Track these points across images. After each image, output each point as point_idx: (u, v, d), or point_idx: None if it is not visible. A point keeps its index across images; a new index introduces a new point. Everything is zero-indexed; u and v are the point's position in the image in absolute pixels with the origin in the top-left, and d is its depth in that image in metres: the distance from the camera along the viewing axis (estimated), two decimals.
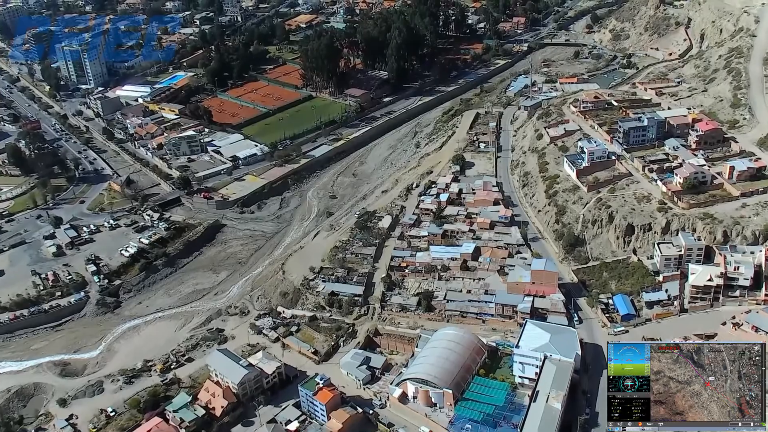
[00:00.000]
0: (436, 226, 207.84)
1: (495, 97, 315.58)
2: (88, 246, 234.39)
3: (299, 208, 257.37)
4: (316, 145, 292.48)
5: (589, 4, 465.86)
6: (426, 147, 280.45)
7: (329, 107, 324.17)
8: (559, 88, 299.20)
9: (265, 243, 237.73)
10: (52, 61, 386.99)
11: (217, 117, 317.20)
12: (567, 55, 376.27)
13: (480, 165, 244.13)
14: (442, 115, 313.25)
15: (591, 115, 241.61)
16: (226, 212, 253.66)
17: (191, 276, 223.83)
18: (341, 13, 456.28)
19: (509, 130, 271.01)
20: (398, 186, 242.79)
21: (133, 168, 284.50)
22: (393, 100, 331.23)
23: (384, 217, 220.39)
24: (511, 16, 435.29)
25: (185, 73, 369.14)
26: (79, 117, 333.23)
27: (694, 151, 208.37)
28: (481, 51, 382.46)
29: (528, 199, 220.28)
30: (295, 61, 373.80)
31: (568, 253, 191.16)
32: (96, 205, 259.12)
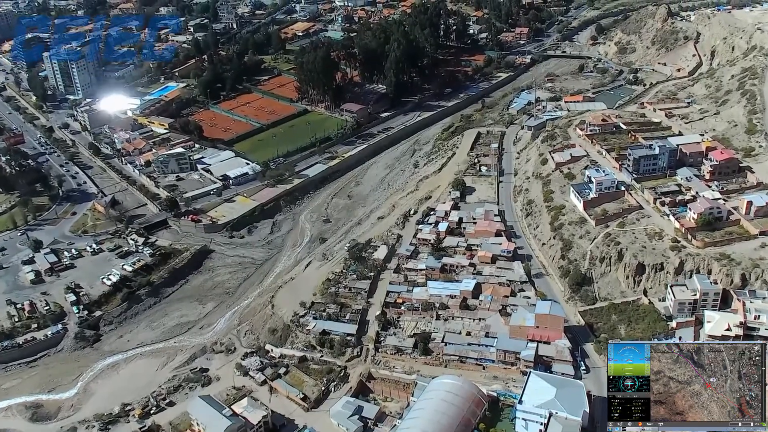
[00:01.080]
0: (434, 259, 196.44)
1: (497, 113, 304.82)
2: (69, 272, 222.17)
3: (291, 232, 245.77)
4: (311, 164, 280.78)
5: (593, 13, 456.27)
6: (425, 168, 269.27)
7: (325, 122, 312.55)
8: (564, 107, 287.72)
9: (255, 271, 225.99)
10: (39, 69, 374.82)
11: (208, 132, 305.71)
12: (571, 68, 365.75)
13: (481, 190, 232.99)
14: (441, 132, 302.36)
15: (598, 140, 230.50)
16: (214, 236, 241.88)
17: (176, 307, 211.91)
18: (339, 21, 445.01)
19: (512, 152, 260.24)
20: (395, 212, 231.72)
21: (119, 186, 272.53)
22: (391, 115, 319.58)
23: (379, 247, 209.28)
24: (513, 25, 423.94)
25: (177, 83, 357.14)
26: (65, 130, 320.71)
27: (707, 182, 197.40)
28: (482, 63, 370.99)
29: (532, 230, 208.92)
30: (291, 72, 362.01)
31: (574, 292, 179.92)
32: (79, 227, 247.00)
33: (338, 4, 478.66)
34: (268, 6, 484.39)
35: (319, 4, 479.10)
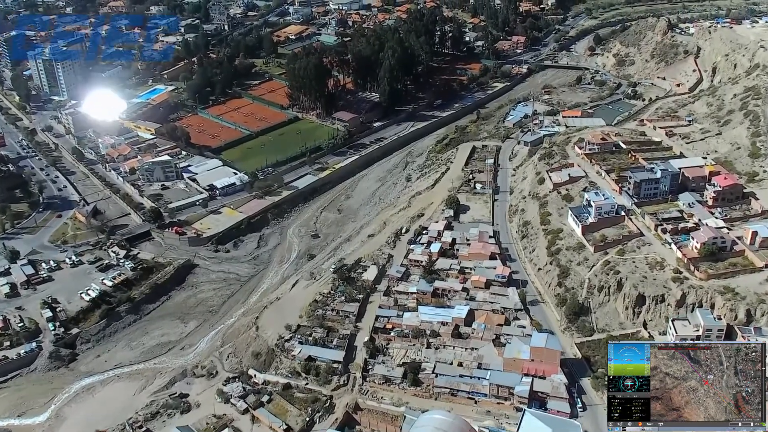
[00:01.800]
0: (426, 283, 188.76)
1: (492, 126, 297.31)
2: (47, 286, 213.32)
3: (278, 247, 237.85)
4: (300, 175, 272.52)
5: (591, 23, 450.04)
6: (417, 182, 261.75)
7: (316, 131, 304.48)
8: (562, 122, 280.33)
9: (240, 288, 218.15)
10: (24, 67, 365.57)
11: (195, 138, 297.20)
12: (568, 80, 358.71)
13: (475, 209, 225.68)
14: (435, 144, 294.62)
15: (597, 159, 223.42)
16: (199, 250, 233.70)
17: (157, 325, 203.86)
18: (333, 25, 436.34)
19: (507, 168, 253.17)
20: (386, 230, 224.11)
21: (102, 194, 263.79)
22: (384, 125, 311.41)
23: (369, 268, 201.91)
24: (510, 34, 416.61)
25: (165, 86, 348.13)
26: (48, 133, 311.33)
27: (710, 209, 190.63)
28: (478, 72, 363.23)
29: (527, 253, 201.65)
30: (282, 77, 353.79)
31: (570, 322, 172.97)
32: (58, 237, 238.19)
33: (332, 7, 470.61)
34: (260, 8, 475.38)
35: (313, 6, 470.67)
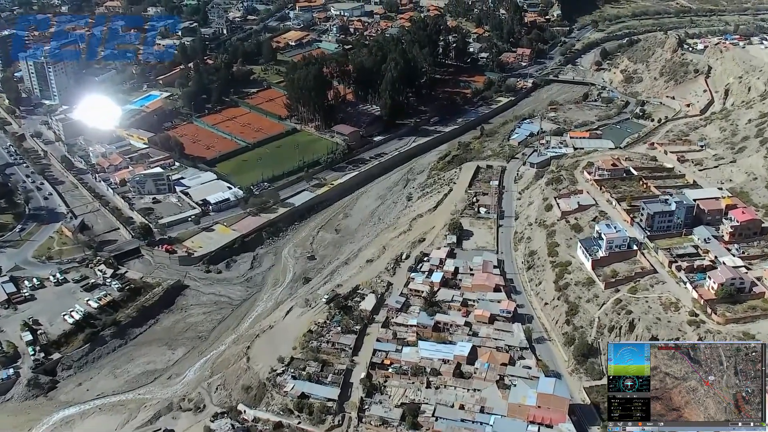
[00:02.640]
0: (426, 315, 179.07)
1: (497, 144, 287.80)
2: (28, 306, 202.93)
3: (273, 269, 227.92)
4: (297, 191, 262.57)
5: (598, 36, 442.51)
6: (419, 202, 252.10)
7: (314, 144, 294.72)
8: (570, 143, 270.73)
9: (231, 313, 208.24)
10: (15, 69, 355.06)
11: (189, 149, 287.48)
12: (575, 96, 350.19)
13: (479, 235, 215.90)
14: (437, 160, 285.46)
15: (608, 186, 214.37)
16: (189, 270, 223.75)
17: (143, 352, 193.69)
18: (334, 31, 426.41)
19: (513, 191, 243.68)
20: (386, 255, 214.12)
21: (91, 207, 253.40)
22: (385, 139, 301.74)
23: (367, 296, 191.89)
24: (515, 45, 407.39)
25: (160, 92, 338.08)
26: (37, 139, 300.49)
27: (727, 245, 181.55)
28: (482, 86, 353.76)
29: (533, 285, 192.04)
30: (281, 86, 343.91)
31: (579, 363, 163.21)
32: (43, 252, 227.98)
33: (334, 13, 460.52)
34: (261, 11, 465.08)
35: (314, 12, 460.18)
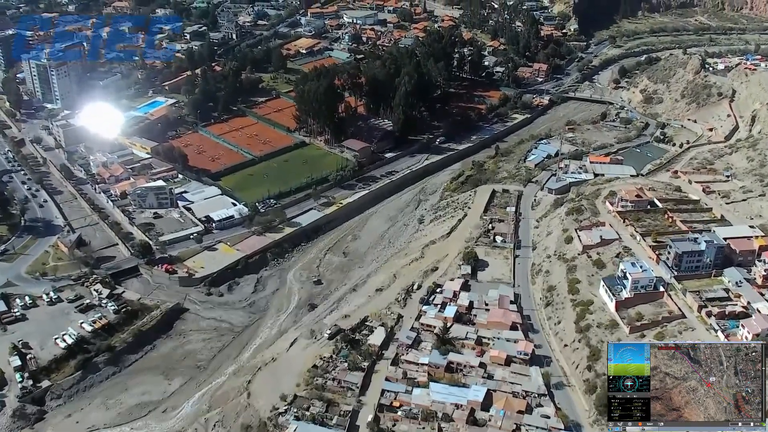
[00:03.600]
0: (439, 354, 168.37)
1: (513, 165, 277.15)
2: (19, 326, 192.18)
3: (277, 293, 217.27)
4: (304, 210, 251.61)
5: (615, 52, 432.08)
6: (431, 225, 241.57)
7: (323, 159, 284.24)
8: (589, 168, 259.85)
9: (232, 341, 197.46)
10: (18, 69, 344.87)
11: (193, 160, 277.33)
12: (592, 115, 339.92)
13: (495, 266, 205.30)
14: (450, 181, 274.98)
15: (631, 219, 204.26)
16: (190, 292, 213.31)
17: (138, 381, 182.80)
18: (346, 40, 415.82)
19: (530, 218, 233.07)
20: (396, 284, 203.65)
21: (89, 220, 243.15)
22: (396, 156, 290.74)
23: (376, 329, 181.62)
24: (531, 60, 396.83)
25: (165, 99, 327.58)
26: (37, 145, 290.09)
27: (760, 289, 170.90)
28: (497, 101, 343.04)
29: (552, 324, 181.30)
30: (290, 96, 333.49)
31: (600, 414, 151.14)
32: (37, 268, 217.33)
33: (346, 21, 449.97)
34: (271, 17, 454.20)
35: (326, 19, 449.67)
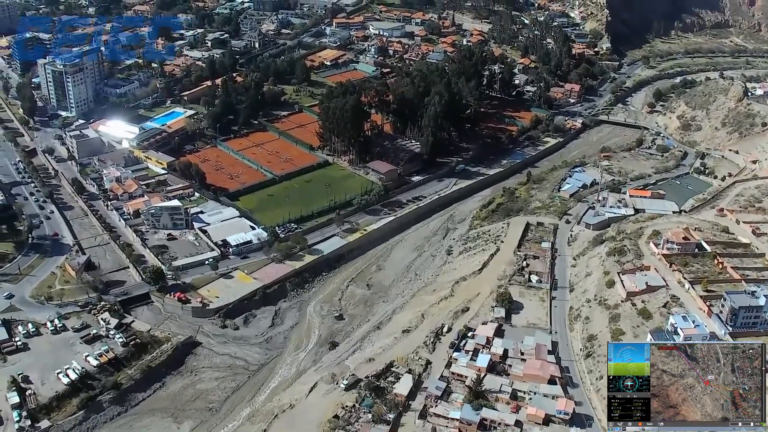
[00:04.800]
0: (471, 409, 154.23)
1: (546, 195, 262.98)
2: (20, 357, 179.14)
3: (296, 328, 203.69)
4: (326, 236, 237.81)
5: (648, 73, 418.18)
6: (460, 258, 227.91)
7: (347, 181, 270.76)
8: (629, 203, 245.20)
9: (247, 380, 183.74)
10: (34, 74, 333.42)
11: (211, 177, 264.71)
12: (627, 140, 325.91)
13: (530, 308, 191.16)
14: (480, 209, 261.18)
15: (679, 263, 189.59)
16: (203, 323, 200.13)
17: (145, 423, 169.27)
18: (372, 52, 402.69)
19: (566, 255, 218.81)
20: (424, 324, 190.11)
21: (100, 239, 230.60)
22: (423, 180, 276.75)
23: (403, 377, 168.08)
24: (563, 79, 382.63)
25: (184, 110, 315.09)
26: (49, 156, 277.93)
27: None
28: (528, 123, 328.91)
29: (594, 379, 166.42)
30: (313, 111, 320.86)
31: None
32: (43, 291, 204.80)
33: (372, 32, 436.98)
34: (296, 25, 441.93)
35: (351, 30, 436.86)
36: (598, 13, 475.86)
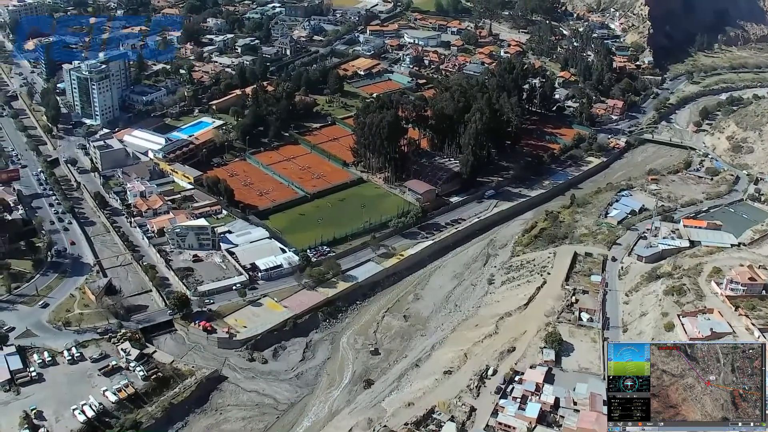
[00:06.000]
0: None
1: (592, 220, 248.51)
2: (34, 389, 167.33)
3: (329, 363, 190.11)
4: (361, 261, 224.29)
5: (693, 89, 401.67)
6: (503, 288, 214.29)
7: (382, 201, 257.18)
8: (684, 234, 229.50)
9: (276, 421, 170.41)
10: (59, 79, 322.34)
11: (240, 194, 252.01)
12: (673, 161, 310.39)
13: (581, 350, 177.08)
14: (522, 234, 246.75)
15: (745, 307, 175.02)
16: (229, 355, 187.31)
17: None
18: (407, 62, 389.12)
19: (617, 290, 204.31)
20: (467, 366, 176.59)
21: (122, 259, 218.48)
22: (462, 201, 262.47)
23: (445, 425, 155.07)
24: (604, 94, 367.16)
25: (212, 120, 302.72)
26: (71, 167, 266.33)
27: None
28: (570, 141, 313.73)
29: None
30: (346, 123, 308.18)
31: None
32: (60, 315, 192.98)
33: (407, 41, 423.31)
34: (328, 32, 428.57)
35: (386, 38, 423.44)
36: (640, 25, 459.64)
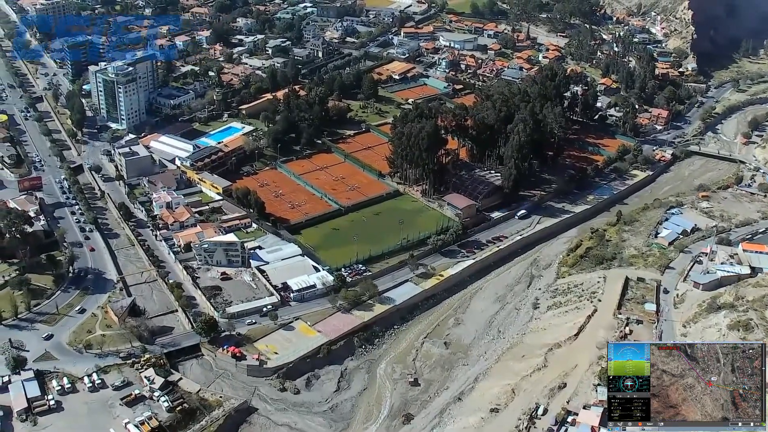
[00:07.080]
0: None
1: (641, 240, 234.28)
2: (52, 419, 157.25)
3: (365, 394, 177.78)
4: (398, 281, 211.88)
5: (739, 97, 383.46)
6: (549, 314, 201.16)
7: (420, 215, 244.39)
8: (743, 259, 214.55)
9: None
10: (85, 80, 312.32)
11: (270, 205, 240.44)
12: (722, 175, 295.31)
13: None
14: (566, 253, 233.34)
15: None
16: (260, 384, 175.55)
17: None
18: (443, 66, 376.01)
19: (673, 319, 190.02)
20: (515, 402, 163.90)
21: (147, 275, 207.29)
22: (504, 217, 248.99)
23: None
24: (648, 102, 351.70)
25: (242, 125, 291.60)
26: (96, 174, 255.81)
27: None
28: (614, 153, 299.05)
29: None
30: (381, 130, 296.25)
31: None
32: (81, 337, 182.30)
33: (443, 44, 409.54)
34: (361, 34, 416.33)
35: (421, 40, 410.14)
36: (683, 30, 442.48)
